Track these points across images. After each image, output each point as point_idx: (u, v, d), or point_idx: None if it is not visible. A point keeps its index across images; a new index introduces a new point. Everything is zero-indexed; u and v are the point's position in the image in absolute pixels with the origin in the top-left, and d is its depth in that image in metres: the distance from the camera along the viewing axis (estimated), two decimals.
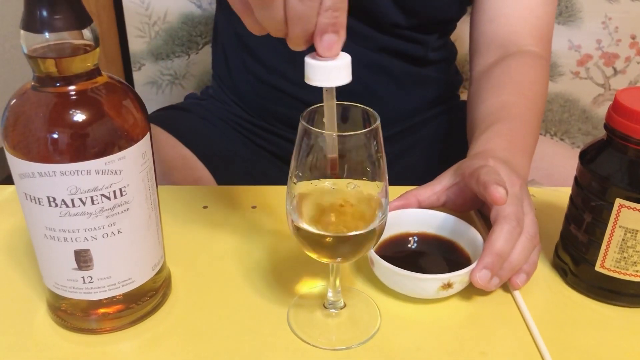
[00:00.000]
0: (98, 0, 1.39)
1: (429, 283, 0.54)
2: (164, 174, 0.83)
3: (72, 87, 0.45)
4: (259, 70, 0.92)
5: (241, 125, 0.97)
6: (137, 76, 1.44)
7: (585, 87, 1.42)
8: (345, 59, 0.46)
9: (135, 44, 1.40)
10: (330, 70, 0.45)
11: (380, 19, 0.85)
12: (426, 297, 0.56)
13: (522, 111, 0.73)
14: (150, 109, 1.01)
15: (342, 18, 0.44)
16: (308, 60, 0.45)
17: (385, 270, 0.55)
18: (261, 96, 0.94)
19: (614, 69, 1.39)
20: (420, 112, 0.96)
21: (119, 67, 1.46)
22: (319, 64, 0.45)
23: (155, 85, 1.45)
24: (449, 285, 0.53)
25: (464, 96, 0.97)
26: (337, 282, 0.54)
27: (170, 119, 0.94)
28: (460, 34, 1.02)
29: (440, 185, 0.63)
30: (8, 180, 0.50)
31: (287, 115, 0.91)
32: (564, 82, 1.41)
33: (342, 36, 0.45)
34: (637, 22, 1.33)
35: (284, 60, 0.89)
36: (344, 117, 0.48)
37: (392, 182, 0.57)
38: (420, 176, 0.73)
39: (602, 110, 1.44)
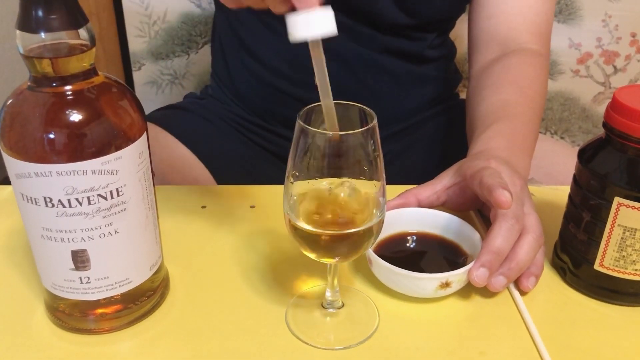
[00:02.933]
0: (98, 0, 1.39)
1: (426, 282, 0.53)
2: (163, 174, 0.83)
3: (68, 87, 0.45)
4: (258, 69, 0.92)
5: (240, 124, 0.96)
6: (137, 76, 1.44)
7: (586, 86, 1.42)
8: (326, 10, 0.44)
9: (135, 44, 1.40)
10: (311, 19, 0.44)
11: (381, 19, 0.85)
12: (424, 297, 0.55)
13: (523, 110, 0.73)
14: (150, 109, 1.01)
15: None
16: (288, 16, 0.44)
17: (384, 269, 0.55)
18: (260, 96, 0.94)
19: (614, 67, 1.39)
20: (419, 111, 0.95)
21: (118, 66, 1.46)
22: (299, 16, 0.44)
23: (155, 85, 1.45)
24: (447, 285, 0.53)
25: (463, 95, 0.97)
26: (336, 282, 0.53)
27: (169, 118, 0.94)
28: (460, 32, 1.02)
29: (441, 185, 0.63)
30: (6, 181, 0.50)
31: (286, 115, 0.91)
32: (564, 80, 1.41)
33: None
34: (637, 20, 1.33)
35: (282, 60, 0.89)
36: (341, 116, 0.48)
37: (391, 181, 0.57)
38: (419, 175, 0.73)
39: (602, 109, 1.44)
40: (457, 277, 0.53)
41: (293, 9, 0.44)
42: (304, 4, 0.44)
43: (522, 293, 0.57)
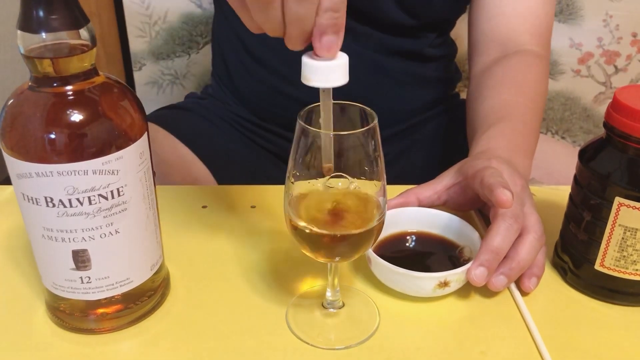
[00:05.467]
0: (98, 0, 1.39)
1: (425, 281, 0.53)
2: (164, 174, 0.83)
3: (69, 87, 0.45)
4: (258, 70, 0.92)
5: (241, 124, 0.96)
6: (137, 76, 1.44)
7: (587, 86, 1.41)
8: (343, 59, 0.45)
9: (136, 44, 1.40)
10: (329, 70, 0.44)
11: (381, 19, 0.85)
12: (423, 296, 0.55)
13: (524, 111, 0.73)
14: (151, 109, 1.01)
15: (342, 19, 0.43)
16: (305, 59, 0.44)
17: (382, 268, 0.55)
18: (260, 96, 0.94)
19: (615, 67, 1.39)
20: (420, 111, 0.95)
21: (119, 67, 1.46)
22: (317, 64, 0.44)
23: (156, 85, 1.45)
24: (445, 284, 0.53)
25: (463, 95, 0.97)
26: (336, 282, 0.53)
27: (170, 118, 0.94)
28: (461, 32, 1.02)
29: (442, 185, 0.63)
30: (7, 181, 0.50)
31: (286, 115, 0.91)
32: (565, 80, 1.41)
33: (341, 37, 0.44)
34: (638, 20, 1.33)
35: (282, 61, 0.89)
36: (342, 116, 0.48)
37: (392, 181, 0.57)
38: (420, 175, 0.73)
39: (603, 109, 1.44)
40: (455, 276, 0.53)
41: (309, 47, 0.44)
42: (326, 53, 0.44)
43: (523, 293, 0.57)
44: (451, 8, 0.90)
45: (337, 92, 0.49)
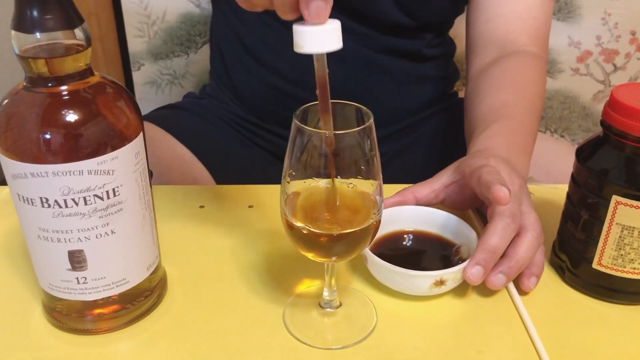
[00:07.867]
0: (97, 0, 1.39)
1: (421, 280, 0.53)
2: (161, 174, 0.83)
3: (64, 87, 0.45)
4: (257, 69, 0.92)
5: (239, 124, 0.96)
6: (136, 76, 1.44)
7: (585, 84, 1.41)
8: (335, 24, 0.43)
9: (135, 44, 1.40)
10: (320, 35, 0.43)
11: (379, 19, 0.85)
12: (419, 294, 0.55)
13: (522, 111, 0.73)
14: (150, 109, 1.01)
15: None
16: (296, 27, 0.43)
17: (378, 266, 0.55)
18: (259, 95, 0.94)
19: (614, 65, 1.39)
20: (419, 110, 0.95)
21: (118, 67, 1.46)
22: (308, 30, 0.42)
23: (155, 85, 1.45)
24: (441, 282, 0.53)
25: (462, 94, 0.96)
26: (333, 281, 0.53)
27: (167, 118, 0.94)
28: (460, 31, 1.02)
29: (439, 183, 0.63)
30: (4, 182, 0.49)
31: (285, 115, 0.91)
32: (563, 78, 1.41)
33: (330, 2, 0.42)
34: (636, 18, 1.33)
35: (282, 60, 0.89)
36: (338, 115, 0.48)
37: (390, 180, 0.57)
38: (418, 175, 0.72)
39: (602, 107, 1.43)
40: (451, 275, 0.53)
41: (301, 17, 0.43)
42: (315, 19, 0.42)
43: (521, 292, 0.57)
44: (449, 9, 0.90)
45: (335, 90, 0.49)
